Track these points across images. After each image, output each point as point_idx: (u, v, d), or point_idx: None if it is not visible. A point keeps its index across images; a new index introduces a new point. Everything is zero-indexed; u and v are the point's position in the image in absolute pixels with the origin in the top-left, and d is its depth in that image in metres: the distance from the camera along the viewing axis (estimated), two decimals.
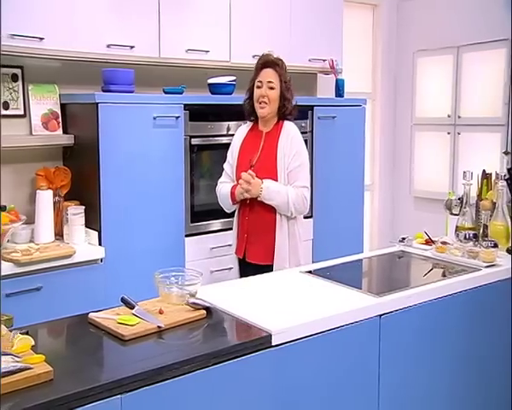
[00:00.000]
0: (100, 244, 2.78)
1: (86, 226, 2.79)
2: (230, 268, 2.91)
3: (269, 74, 2.57)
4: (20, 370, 1.29)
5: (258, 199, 2.51)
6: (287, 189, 2.51)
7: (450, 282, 2.13)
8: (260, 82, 2.57)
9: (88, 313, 1.73)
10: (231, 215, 2.78)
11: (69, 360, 1.47)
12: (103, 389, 1.31)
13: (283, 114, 2.60)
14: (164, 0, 3.06)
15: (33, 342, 1.44)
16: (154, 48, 3.06)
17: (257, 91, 2.58)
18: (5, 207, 2.71)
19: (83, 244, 2.75)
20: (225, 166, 2.72)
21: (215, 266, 3.15)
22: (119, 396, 1.34)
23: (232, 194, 2.59)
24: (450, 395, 2.16)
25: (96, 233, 2.79)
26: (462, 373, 2.19)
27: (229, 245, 2.93)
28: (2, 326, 1.52)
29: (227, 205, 2.67)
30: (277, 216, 2.55)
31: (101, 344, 1.59)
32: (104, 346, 1.57)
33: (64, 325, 1.74)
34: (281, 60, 2.62)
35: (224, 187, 2.67)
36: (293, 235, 2.59)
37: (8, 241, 2.60)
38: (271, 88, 2.55)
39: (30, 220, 2.75)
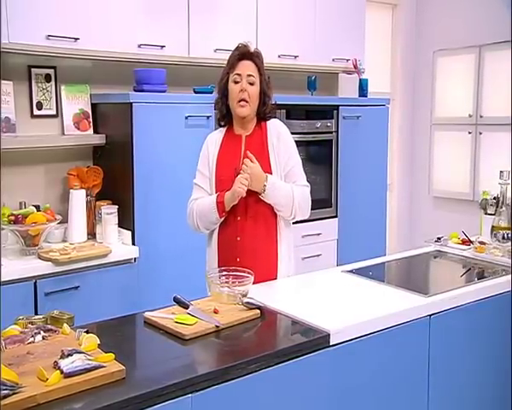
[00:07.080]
0: (133, 244, 2.78)
1: (118, 226, 2.80)
2: None
3: (248, 67, 2.14)
4: (95, 368, 1.30)
5: (261, 196, 2.10)
6: (291, 185, 2.14)
7: (499, 281, 2.14)
8: (238, 75, 2.13)
9: (139, 313, 1.74)
10: None
11: (134, 359, 1.47)
12: (176, 388, 1.32)
13: (263, 113, 2.19)
14: (193, 1, 3.07)
15: (99, 341, 1.45)
16: (184, 47, 3.07)
17: (234, 87, 2.13)
18: (39, 206, 2.73)
19: (116, 244, 2.75)
20: (198, 180, 2.24)
21: None
22: (190, 395, 1.34)
23: (220, 203, 2.11)
24: (498, 396, 2.17)
25: (130, 233, 2.79)
26: None
27: None
28: (66, 325, 1.53)
29: (211, 219, 2.16)
30: (279, 222, 2.17)
31: (161, 343, 1.59)
32: (165, 345, 1.57)
33: (119, 324, 1.75)
34: (260, 52, 2.20)
35: (202, 201, 2.18)
36: (291, 244, 2.23)
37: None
38: (251, 83, 2.13)
39: (62, 220, 2.76)
